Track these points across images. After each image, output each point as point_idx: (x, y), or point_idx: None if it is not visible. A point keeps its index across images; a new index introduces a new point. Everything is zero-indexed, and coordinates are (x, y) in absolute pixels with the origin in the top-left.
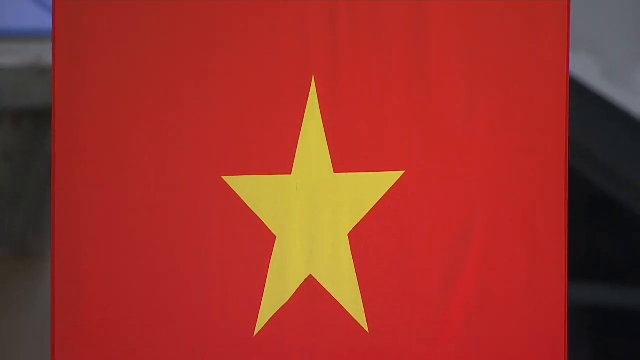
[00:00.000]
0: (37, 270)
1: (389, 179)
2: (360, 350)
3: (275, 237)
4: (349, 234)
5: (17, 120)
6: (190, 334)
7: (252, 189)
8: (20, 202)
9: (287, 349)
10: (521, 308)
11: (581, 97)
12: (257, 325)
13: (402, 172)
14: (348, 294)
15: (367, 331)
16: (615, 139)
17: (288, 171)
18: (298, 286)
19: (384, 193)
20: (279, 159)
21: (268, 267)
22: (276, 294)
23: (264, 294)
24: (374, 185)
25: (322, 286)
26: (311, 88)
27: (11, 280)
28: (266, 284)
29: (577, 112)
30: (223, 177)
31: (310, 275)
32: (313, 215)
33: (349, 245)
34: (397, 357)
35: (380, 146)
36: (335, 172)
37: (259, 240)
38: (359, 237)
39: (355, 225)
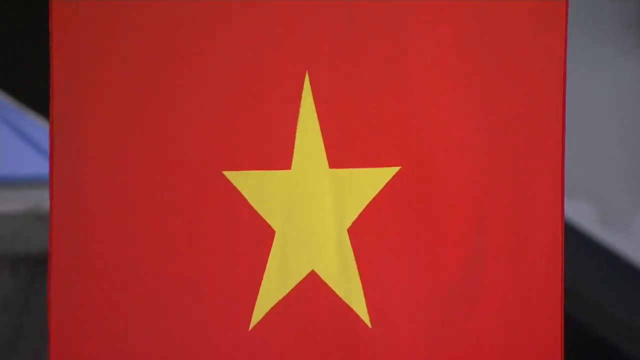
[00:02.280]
0: None
1: (385, 174)
2: (362, 345)
3: (274, 232)
4: (348, 229)
5: (15, 266)
6: (186, 328)
7: (252, 184)
8: (17, 349)
9: (283, 343)
10: (518, 303)
11: (579, 243)
12: (252, 319)
13: (398, 168)
14: (350, 289)
15: (370, 326)
16: (614, 285)
17: (288, 167)
18: (299, 281)
19: (380, 189)
20: (278, 155)
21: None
22: (275, 288)
23: (261, 288)
24: (370, 181)
25: (323, 281)
26: (305, 83)
27: None
28: (264, 278)
29: (575, 258)
30: (224, 172)
31: (313, 271)
32: (312, 211)
33: (349, 241)
34: (400, 351)
35: (376, 142)
36: (330, 167)
37: (258, 235)
38: (358, 232)
39: (354, 221)
